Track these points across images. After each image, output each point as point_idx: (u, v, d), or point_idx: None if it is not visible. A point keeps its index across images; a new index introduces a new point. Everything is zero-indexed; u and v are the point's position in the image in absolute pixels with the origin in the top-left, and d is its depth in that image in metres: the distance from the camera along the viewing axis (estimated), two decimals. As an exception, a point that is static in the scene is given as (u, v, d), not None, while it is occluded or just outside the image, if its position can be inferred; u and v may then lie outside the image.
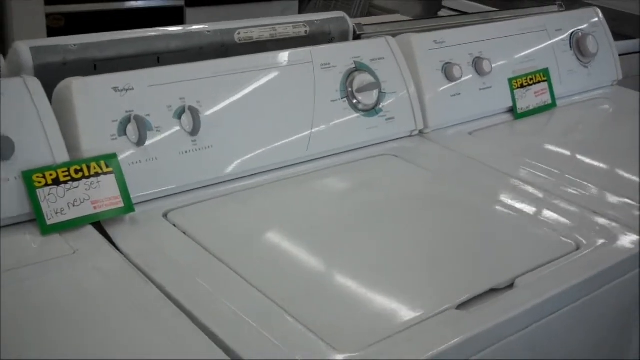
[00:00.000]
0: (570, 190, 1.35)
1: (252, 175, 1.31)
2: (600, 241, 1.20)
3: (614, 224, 1.25)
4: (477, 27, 1.72)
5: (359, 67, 1.46)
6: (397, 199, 1.30)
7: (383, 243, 1.16)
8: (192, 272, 1.03)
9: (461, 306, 1.03)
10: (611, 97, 1.88)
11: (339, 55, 1.45)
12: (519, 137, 1.65)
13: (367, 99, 1.45)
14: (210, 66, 1.29)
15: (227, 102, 1.29)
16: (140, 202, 1.19)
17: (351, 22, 1.64)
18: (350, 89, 1.44)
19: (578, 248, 1.19)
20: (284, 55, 1.38)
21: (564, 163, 1.48)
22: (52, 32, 2.70)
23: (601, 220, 1.26)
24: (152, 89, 1.22)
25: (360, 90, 1.43)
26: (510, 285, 1.08)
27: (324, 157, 1.40)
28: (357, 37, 1.66)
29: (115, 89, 1.19)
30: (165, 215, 1.19)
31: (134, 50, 1.38)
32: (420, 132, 1.57)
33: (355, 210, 1.26)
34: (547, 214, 1.28)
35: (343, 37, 1.64)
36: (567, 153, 1.56)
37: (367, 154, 1.46)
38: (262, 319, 0.94)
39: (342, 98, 1.43)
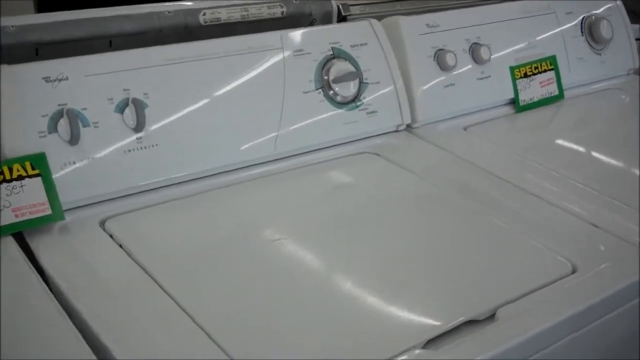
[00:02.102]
0: (572, 199, 1.19)
1: (209, 177, 1.16)
2: (602, 263, 1.04)
3: (619, 242, 1.09)
4: (476, 9, 1.54)
5: (338, 54, 1.30)
6: (369, 206, 1.15)
7: (344, 261, 1.00)
8: (122, 300, 0.89)
9: (430, 342, 0.88)
10: (626, 88, 1.71)
11: (315, 40, 1.29)
12: (519, 133, 1.48)
13: (345, 90, 1.29)
14: (160, 53, 1.14)
15: (179, 94, 1.14)
16: (74, 209, 1.05)
17: (335, 2, 1.48)
18: (326, 79, 1.28)
19: (574, 271, 1.03)
20: (248, 40, 1.23)
21: (568, 164, 1.31)
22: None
23: (606, 237, 1.10)
24: (90, 79, 1.07)
25: (337, 80, 1.27)
26: (492, 316, 0.93)
27: (294, 155, 1.25)
28: (342, 19, 1.50)
29: (47, 79, 1.05)
30: (102, 224, 1.05)
31: (82, 33, 1.22)
32: (408, 127, 1.40)
33: (319, 219, 1.10)
34: (544, 227, 1.11)
35: (326, 19, 1.48)
36: (573, 152, 1.40)
37: (345, 152, 1.30)
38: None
39: (316, 89, 1.27)
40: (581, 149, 1.41)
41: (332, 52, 1.30)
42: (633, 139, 1.46)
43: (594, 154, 1.39)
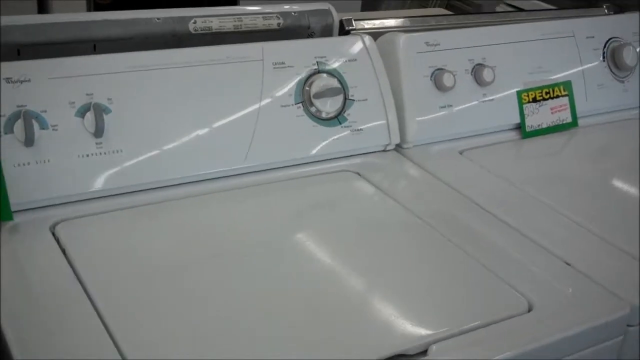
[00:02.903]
0: (557, 236, 1.12)
1: (171, 186, 1.15)
2: (562, 304, 0.97)
3: (590, 284, 1.02)
4: (484, 29, 1.48)
5: (322, 70, 1.27)
6: (330, 229, 1.11)
7: (281, 286, 0.96)
8: (42, 304, 0.88)
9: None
10: (652, 119, 1.61)
11: (299, 53, 1.26)
12: (518, 160, 1.42)
13: (328, 106, 1.25)
14: (128, 59, 1.13)
15: (146, 100, 1.13)
16: (26, 210, 1.05)
17: (337, 16, 1.44)
18: (307, 94, 1.25)
19: (530, 309, 0.97)
20: (227, 51, 1.21)
21: (565, 198, 1.23)
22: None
23: (576, 277, 1.03)
24: (54, 82, 1.08)
25: (319, 95, 1.24)
26: (424, 352, 0.88)
27: (266, 170, 1.22)
28: (345, 33, 1.47)
29: (9, 79, 1.05)
30: (53, 227, 1.05)
31: (66, 36, 1.24)
32: (399, 147, 1.36)
33: (270, 238, 1.07)
34: (514, 262, 1.05)
35: (326, 33, 1.45)
36: (575, 185, 1.31)
37: (324, 169, 1.26)
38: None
39: (296, 103, 1.24)
40: (585, 182, 1.33)
41: (316, 67, 1.26)
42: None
43: (599, 188, 1.31)
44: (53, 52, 1.17)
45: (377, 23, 1.50)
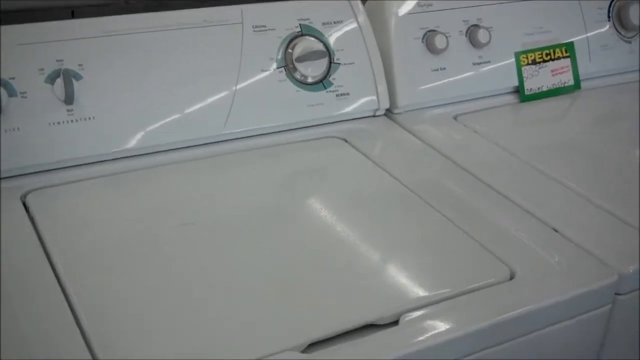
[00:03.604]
0: (547, 202, 1.07)
1: (146, 154, 1.12)
2: (546, 272, 0.93)
3: (578, 250, 0.97)
4: (480, -13, 1.42)
5: (306, 32, 1.22)
6: (309, 197, 1.07)
7: (251, 256, 0.92)
8: (10, 289, 0.85)
9: (313, 346, 0.80)
10: (660, 81, 1.54)
11: (281, 16, 1.22)
12: (515, 126, 1.37)
13: (311, 70, 1.21)
14: (100, 24, 1.10)
15: (119, 66, 1.10)
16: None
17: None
18: (290, 58, 1.20)
19: (512, 277, 0.92)
20: (204, 14, 1.17)
21: (562, 164, 1.18)
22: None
23: (563, 244, 0.98)
24: (22, 48, 1.05)
25: (302, 59, 1.20)
26: (396, 322, 0.84)
27: (248, 137, 1.19)
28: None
29: (-24, 46, 1.03)
30: (24, 196, 1.02)
31: (42, 3, 1.21)
32: (389, 112, 1.31)
33: (245, 208, 1.03)
34: (499, 229, 1.01)
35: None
36: (572, 150, 1.26)
37: (309, 136, 1.23)
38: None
39: (278, 68, 1.20)
40: (584, 148, 1.27)
41: (299, 29, 1.22)
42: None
43: (598, 155, 1.25)
44: (31, 18, 1.14)
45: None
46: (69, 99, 1.04)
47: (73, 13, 1.23)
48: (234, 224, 0.99)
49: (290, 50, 1.20)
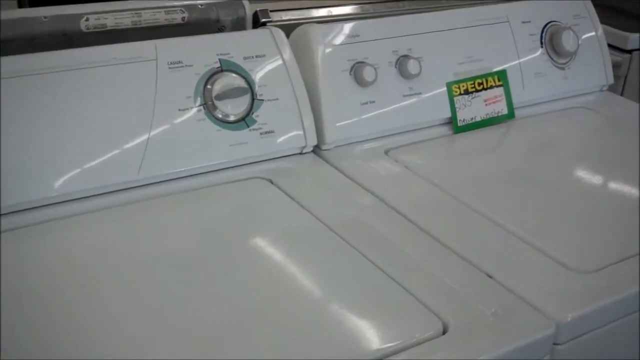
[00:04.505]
0: (486, 244, 1.02)
1: (54, 204, 1.03)
2: (479, 324, 0.87)
3: (514, 299, 0.92)
4: (409, 17, 1.37)
5: (226, 67, 1.16)
6: (230, 244, 1.00)
7: (152, 310, 0.85)
8: None
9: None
10: (595, 107, 1.51)
11: (198, 51, 1.15)
12: (448, 159, 1.31)
13: (232, 107, 1.14)
14: (8, 63, 1.01)
15: (29, 108, 1.01)
16: None
17: (249, 7, 1.33)
18: (209, 95, 1.13)
19: (445, 331, 0.86)
20: (114, 51, 1.09)
21: (495, 201, 1.13)
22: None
23: (499, 292, 0.93)
24: None
25: (222, 96, 1.13)
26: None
27: (167, 181, 1.11)
28: (260, 26, 1.35)
29: None
30: None
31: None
32: (318, 149, 1.25)
33: (167, 256, 0.95)
34: (432, 278, 0.95)
35: (239, 27, 1.34)
36: (507, 184, 1.21)
37: (232, 177, 1.15)
38: None
39: (197, 106, 1.13)
40: (520, 180, 1.22)
41: (219, 65, 1.15)
42: (591, 167, 1.28)
43: (534, 187, 1.20)
44: None
45: (297, 14, 1.39)
46: (-36, 146, 0.95)
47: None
48: (143, 280, 0.91)
49: (209, 87, 1.13)
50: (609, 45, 1.96)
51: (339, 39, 1.27)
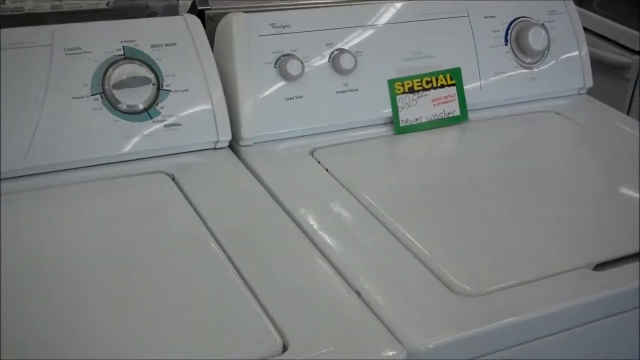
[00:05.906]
0: (376, 257, 0.94)
1: None
2: (324, 344, 0.79)
3: (370, 318, 0.84)
4: (346, 7, 1.28)
5: (130, 55, 1.10)
6: (97, 246, 0.94)
7: None
8: None
9: None
10: (566, 112, 1.38)
11: (100, 37, 1.10)
12: (375, 163, 1.20)
13: (132, 97, 1.09)
14: None
15: None
16: None
17: (184, -8, 1.27)
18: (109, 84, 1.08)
19: (285, 349, 0.79)
20: (8, 35, 1.05)
21: (408, 213, 1.04)
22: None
23: (363, 314, 0.85)
24: None
25: (119, 85, 1.08)
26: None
27: (58, 171, 1.07)
28: (199, 14, 1.29)
29: None
30: None
31: None
32: (237, 144, 1.18)
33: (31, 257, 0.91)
34: (292, 292, 0.88)
35: (170, 13, 1.28)
36: (433, 194, 1.11)
37: (132, 171, 1.10)
38: None
39: (92, 95, 1.08)
40: (448, 190, 1.12)
41: (122, 52, 1.10)
42: (534, 180, 1.17)
43: (461, 199, 1.10)
44: None
45: (238, 4, 1.32)
46: None
47: None
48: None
49: (108, 77, 1.08)
50: (618, 45, 1.83)
51: (267, 30, 1.20)
